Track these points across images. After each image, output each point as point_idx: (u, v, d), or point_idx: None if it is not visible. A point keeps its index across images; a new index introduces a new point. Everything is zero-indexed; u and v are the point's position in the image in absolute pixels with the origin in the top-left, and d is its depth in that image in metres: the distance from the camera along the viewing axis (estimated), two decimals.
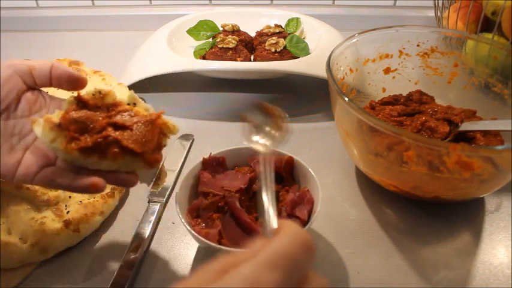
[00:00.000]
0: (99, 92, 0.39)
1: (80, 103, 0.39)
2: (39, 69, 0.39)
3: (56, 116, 0.37)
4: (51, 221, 0.48)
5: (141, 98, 0.42)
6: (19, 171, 0.38)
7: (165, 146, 0.40)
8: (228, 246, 0.43)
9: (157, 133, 0.39)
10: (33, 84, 0.40)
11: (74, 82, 0.41)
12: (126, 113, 0.39)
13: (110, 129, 0.38)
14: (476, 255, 0.48)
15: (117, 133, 0.38)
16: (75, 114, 0.37)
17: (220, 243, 0.43)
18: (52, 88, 0.42)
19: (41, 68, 0.40)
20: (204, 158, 0.49)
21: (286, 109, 0.38)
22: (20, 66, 0.39)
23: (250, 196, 0.48)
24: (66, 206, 0.50)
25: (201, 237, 0.42)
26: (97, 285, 0.45)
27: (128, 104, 0.41)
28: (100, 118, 0.38)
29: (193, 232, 0.42)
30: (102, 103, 0.39)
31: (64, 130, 0.37)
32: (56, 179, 0.38)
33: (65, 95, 0.43)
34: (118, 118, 0.39)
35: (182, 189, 0.47)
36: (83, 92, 0.39)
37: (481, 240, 0.50)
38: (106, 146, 0.37)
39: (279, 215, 0.47)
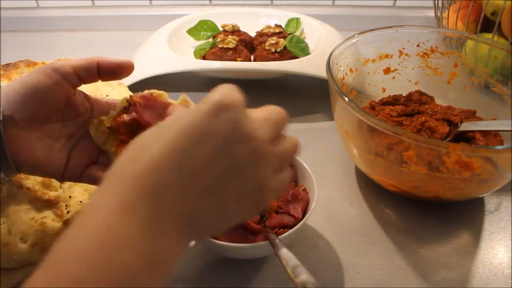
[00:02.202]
0: (151, 94, 0.40)
1: (132, 105, 0.39)
2: (85, 67, 0.39)
3: (108, 119, 0.39)
4: (51, 221, 0.48)
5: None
6: (67, 170, 0.39)
7: None
8: (220, 240, 0.43)
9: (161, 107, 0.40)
10: (78, 84, 0.40)
11: (124, 68, 0.41)
12: None
13: None
14: (476, 255, 0.48)
15: None
16: (126, 118, 0.39)
17: (217, 239, 0.43)
18: None
19: (87, 65, 0.39)
20: None
21: (286, 109, 0.38)
22: (64, 68, 0.38)
23: None
24: (66, 206, 0.50)
25: None
26: None
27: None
28: (151, 120, 0.39)
29: None
30: (154, 104, 0.40)
31: (115, 133, 0.38)
32: (103, 177, 0.38)
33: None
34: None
35: None
36: (138, 95, 0.40)
37: (481, 240, 0.50)
38: None
39: (276, 212, 0.47)
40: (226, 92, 0.30)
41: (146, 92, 0.40)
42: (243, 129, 0.29)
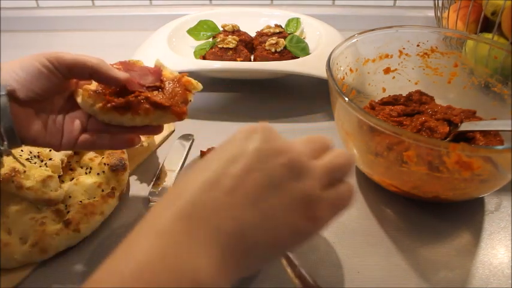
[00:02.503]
0: (129, 60, 0.48)
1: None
2: (79, 67, 0.42)
3: (93, 85, 0.44)
4: (51, 221, 0.48)
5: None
6: (63, 140, 0.44)
7: (190, 101, 0.47)
8: None
9: (183, 90, 0.46)
10: (71, 77, 0.44)
11: (112, 82, 0.44)
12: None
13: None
14: (476, 255, 0.48)
15: (147, 91, 0.45)
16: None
17: None
18: None
19: (82, 66, 0.42)
20: (201, 150, 0.50)
21: (286, 109, 0.38)
22: (58, 62, 0.41)
23: None
24: (66, 206, 0.50)
25: None
26: None
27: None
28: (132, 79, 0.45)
29: None
30: (134, 68, 0.47)
31: (100, 95, 0.43)
32: (96, 140, 0.44)
33: None
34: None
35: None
36: (117, 62, 0.47)
37: (481, 240, 0.50)
38: (138, 104, 0.44)
39: None
40: (256, 123, 0.33)
41: (125, 60, 0.48)
42: (274, 143, 0.31)
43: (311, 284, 0.35)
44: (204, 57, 0.76)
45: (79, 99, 0.44)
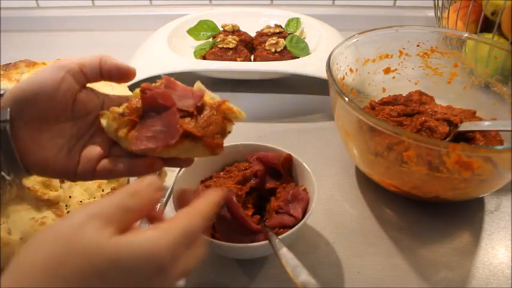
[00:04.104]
0: (163, 82, 0.40)
1: (145, 93, 0.38)
2: (89, 66, 0.38)
3: (121, 108, 0.38)
4: (51, 221, 0.48)
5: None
6: (79, 170, 0.38)
7: (229, 132, 0.39)
8: (220, 240, 0.43)
9: (221, 119, 0.38)
10: (85, 82, 0.39)
11: (124, 74, 0.40)
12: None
13: None
14: (476, 255, 0.48)
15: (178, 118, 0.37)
16: (137, 104, 0.38)
17: (213, 237, 0.43)
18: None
19: (91, 64, 0.38)
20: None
21: (286, 109, 0.38)
22: (70, 65, 0.37)
23: (247, 191, 0.48)
24: (66, 206, 0.50)
25: None
26: None
27: None
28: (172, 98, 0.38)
29: None
30: (175, 87, 0.40)
31: (127, 119, 0.37)
32: (114, 168, 0.39)
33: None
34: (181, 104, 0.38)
35: (180, 182, 0.47)
36: (156, 82, 0.40)
37: (481, 240, 0.50)
38: None
39: (276, 212, 0.47)
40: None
41: (159, 81, 0.40)
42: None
43: (312, 281, 0.35)
44: (204, 57, 0.76)
45: (104, 122, 0.38)
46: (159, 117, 0.37)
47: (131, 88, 0.68)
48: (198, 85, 0.41)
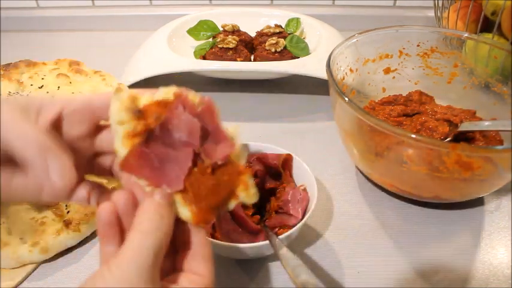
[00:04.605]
0: (203, 104, 0.30)
1: (180, 104, 0.29)
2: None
3: (144, 99, 0.29)
4: (51, 221, 0.48)
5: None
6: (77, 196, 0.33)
7: (227, 210, 0.31)
8: (220, 239, 0.43)
9: (227, 189, 0.30)
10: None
11: None
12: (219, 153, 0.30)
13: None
14: (476, 255, 0.48)
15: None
16: (162, 110, 0.29)
17: (213, 237, 0.43)
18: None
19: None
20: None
21: (286, 109, 0.37)
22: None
23: None
24: (66, 206, 0.50)
25: None
26: None
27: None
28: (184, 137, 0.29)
29: None
30: (202, 121, 0.30)
31: (139, 119, 0.28)
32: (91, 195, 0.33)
33: None
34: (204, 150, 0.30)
35: None
36: (191, 94, 0.30)
37: (481, 240, 0.50)
38: None
39: (276, 212, 0.47)
40: None
41: (199, 98, 0.30)
42: None
43: (312, 281, 0.35)
44: (204, 57, 0.76)
45: (114, 103, 0.29)
46: (171, 148, 0.29)
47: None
48: (233, 130, 0.31)
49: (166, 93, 0.30)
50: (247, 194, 0.30)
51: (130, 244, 0.27)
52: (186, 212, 0.29)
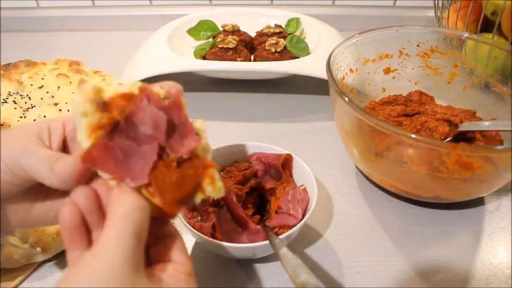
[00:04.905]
0: (169, 98, 0.30)
1: (142, 97, 0.29)
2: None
3: (108, 92, 0.28)
4: None
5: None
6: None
7: (194, 203, 0.30)
8: (220, 239, 0.43)
9: (192, 182, 0.30)
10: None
11: None
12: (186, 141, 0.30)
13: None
14: (476, 255, 0.48)
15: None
16: (127, 103, 0.28)
17: (213, 237, 0.43)
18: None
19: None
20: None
21: (286, 109, 0.37)
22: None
23: (247, 191, 0.48)
24: None
25: (192, 229, 0.42)
26: None
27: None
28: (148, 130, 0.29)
29: (185, 223, 0.42)
30: (168, 114, 0.30)
31: (105, 111, 0.27)
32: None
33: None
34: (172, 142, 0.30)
35: None
36: (157, 88, 0.30)
37: (481, 240, 0.50)
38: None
39: (276, 212, 0.47)
40: None
41: (164, 92, 0.30)
42: None
43: (312, 281, 0.35)
44: (204, 57, 0.76)
45: (79, 95, 0.28)
46: (136, 142, 0.29)
47: None
48: (200, 125, 0.32)
49: (131, 86, 0.29)
50: (213, 187, 0.30)
51: (112, 231, 0.26)
52: (150, 205, 0.29)
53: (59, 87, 0.70)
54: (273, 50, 0.74)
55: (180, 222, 0.44)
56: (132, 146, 0.28)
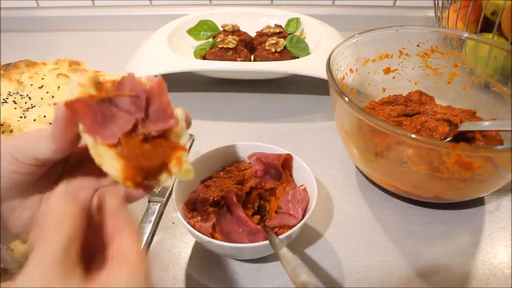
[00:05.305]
0: (151, 82, 0.33)
1: (128, 80, 0.32)
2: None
3: (102, 78, 0.33)
4: None
5: None
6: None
7: (158, 182, 0.32)
8: (220, 239, 0.43)
9: (159, 158, 0.31)
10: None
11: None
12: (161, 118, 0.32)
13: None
14: (476, 255, 0.48)
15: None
16: (114, 86, 0.32)
17: (213, 237, 0.43)
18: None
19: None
20: None
21: (286, 109, 0.37)
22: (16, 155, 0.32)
23: (247, 191, 0.48)
24: None
25: (192, 229, 0.42)
26: None
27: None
28: (131, 107, 0.32)
29: (185, 223, 0.42)
30: (150, 97, 0.32)
31: (97, 90, 0.31)
32: (107, 195, 0.33)
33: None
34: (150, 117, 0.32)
35: (181, 184, 0.47)
36: (141, 77, 0.33)
37: (481, 240, 0.50)
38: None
39: (276, 212, 0.47)
40: None
41: (156, 78, 0.33)
42: None
43: (312, 281, 0.35)
44: (204, 57, 0.76)
45: (74, 79, 0.32)
46: (115, 114, 0.32)
47: None
48: (179, 112, 0.33)
49: (119, 76, 0.33)
50: (179, 169, 0.31)
51: (46, 235, 0.28)
52: (116, 166, 0.30)
53: (59, 87, 0.70)
54: (273, 50, 0.74)
55: (180, 223, 0.44)
56: (111, 115, 0.31)
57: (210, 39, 0.79)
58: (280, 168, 0.50)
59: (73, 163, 0.37)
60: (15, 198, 0.34)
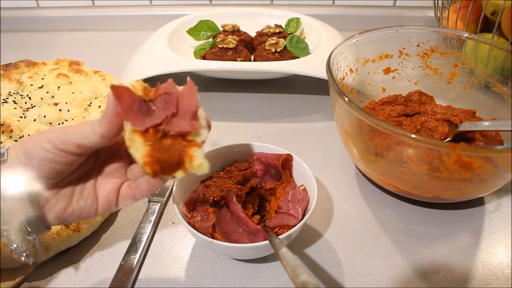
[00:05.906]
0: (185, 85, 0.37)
1: (163, 87, 0.37)
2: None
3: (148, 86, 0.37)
4: None
5: None
6: (100, 204, 0.39)
7: (173, 178, 0.35)
8: (220, 239, 0.43)
9: (176, 156, 0.35)
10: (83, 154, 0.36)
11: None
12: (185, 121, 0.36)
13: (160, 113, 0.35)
14: (476, 255, 0.48)
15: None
16: (153, 91, 0.36)
17: (213, 237, 0.43)
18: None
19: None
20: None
21: (286, 109, 0.37)
22: (62, 145, 0.35)
23: (247, 191, 0.48)
24: None
25: (192, 229, 0.42)
26: (97, 286, 0.45)
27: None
28: (162, 109, 0.35)
29: (185, 223, 0.42)
30: (181, 99, 0.36)
31: (144, 92, 0.36)
32: (135, 192, 0.39)
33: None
34: (173, 123, 0.35)
35: (181, 184, 0.47)
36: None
37: (481, 240, 0.50)
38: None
39: (276, 212, 0.47)
40: None
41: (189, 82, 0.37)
42: None
43: (312, 281, 0.35)
44: (204, 57, 0.76)
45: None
46: (152, 108, 0.35)
47: None
48: (201, 112, 0.37)
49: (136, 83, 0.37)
50: (191, 165, 0.35)
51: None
52: (140, 151, 0.34)
53: (59, 87, 0.70)
54: (273, 50, 0.74)
55: (180, 223, 0.44)
56: (147, 110, 0.35)
57: (210, 39, 0.79)
58: (280, 168, 0.50)
59: (102, 159, 0.40)
60: (50, 188, 0.36)
